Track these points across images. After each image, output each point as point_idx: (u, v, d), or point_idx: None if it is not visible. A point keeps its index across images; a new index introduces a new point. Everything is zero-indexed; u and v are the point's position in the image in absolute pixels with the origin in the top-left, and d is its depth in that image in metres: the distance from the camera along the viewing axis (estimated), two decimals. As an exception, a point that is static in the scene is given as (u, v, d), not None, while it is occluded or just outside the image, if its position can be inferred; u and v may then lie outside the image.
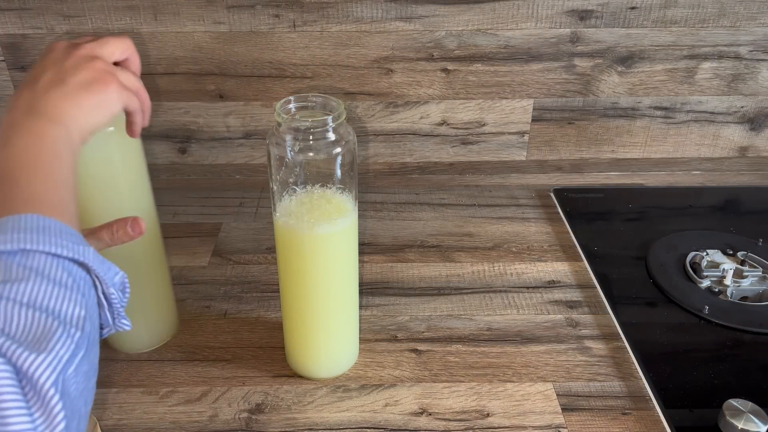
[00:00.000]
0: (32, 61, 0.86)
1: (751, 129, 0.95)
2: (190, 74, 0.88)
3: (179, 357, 0.65)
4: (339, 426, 0.58)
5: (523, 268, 0.78)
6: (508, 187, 0.95)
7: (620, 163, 0.97)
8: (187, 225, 0.86)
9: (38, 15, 0.84)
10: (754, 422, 0.54)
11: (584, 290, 0.74)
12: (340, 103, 0.55)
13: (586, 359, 0.65)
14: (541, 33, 0.87)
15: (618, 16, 0.86)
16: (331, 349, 0.62)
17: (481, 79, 0.90)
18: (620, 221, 0.87)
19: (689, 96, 0.93)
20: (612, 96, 0.92)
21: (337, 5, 0.85)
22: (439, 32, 0.87)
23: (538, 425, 0.58)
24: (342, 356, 0.63)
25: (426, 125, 0.93)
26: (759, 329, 0.67)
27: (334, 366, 0.63)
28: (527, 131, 0.94)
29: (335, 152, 0.54)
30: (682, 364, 0.63)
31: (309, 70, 0.89)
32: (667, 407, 0.58)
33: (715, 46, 0.89)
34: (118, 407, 0.59)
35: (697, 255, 0.76)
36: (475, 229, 0.86)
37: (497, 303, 0.72)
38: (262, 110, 0.91)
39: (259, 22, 0.85)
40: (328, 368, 0.63)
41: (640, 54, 0.89)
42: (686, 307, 0.70)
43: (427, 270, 0.78)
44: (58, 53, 0.50)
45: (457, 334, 0.68)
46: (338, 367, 0.63)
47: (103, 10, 0.84)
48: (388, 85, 0.90)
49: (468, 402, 0.60)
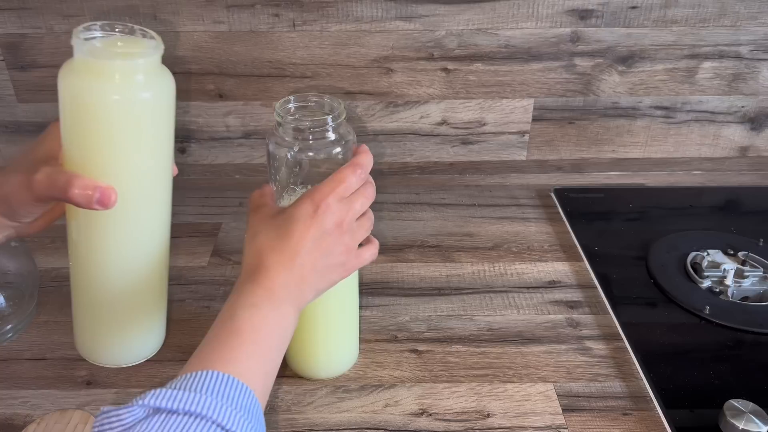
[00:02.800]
0: (32, 60, 0.86)
1: (751, 129, 0.95)
2: (189, 74, 0.88)
3: (179, 357, 0.65)
4: (339, 427, 0.58)
5: (524, 268, 0.78)
6: (508, 187, 0.95)
7: (621, 162, 0.97)
8: (187, 225, 0.86)
9: (38, 14, 0.84)
10: (755, 423, 0.53)
11: (585, 290, 0.74)
12: (340, 102, 0.55)
13: (587, 360, 0.65)
14: (542, 32, 0.87)
15: (618, 15, 0.86)
16: (332, 350, 0.62)
17: (482, 78, 0.90)
18: (621, 221, 0.87)
19: (690, 96, 0.92)
20: (612, 96, 0.92)
21: (337, 5, 0.84)
22: (439, 32, 0.87)
23: (539, 426, 0.57)
24: (342, 356, 0.63)
25: (426, 125, 0.93)
26: (760, 329, 0.67)
27: (335, 366, 0.63)
28: (527, 131, 0.94)
29: (335, 152, 0.54)
30: (682, 364, 0.63)
31: (309, 69, 0.89)
32: (668, 408, 0.57)
33: (715, 45, 0.89)
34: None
35: (698, 255, 0.76)
36: (476, 229, 0.85)
37: (497, 303, 0.72)
38: (261, 110, 0.91)
39: (258, 22, 0.85)
40: (328, 369, 0.62)
41: (640, 53, 0.89)
42: (687, 307, 0.69)
43: (428, 270, 0.78)
44: (322, 227, 0.49)
45: (458, 334, 0.68)
46: (338, 368, 0.63)
47: (103, 9, 0.83)
48: (388, 84, 0.90)
49: (468, 402, 0.60)
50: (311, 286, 0.50)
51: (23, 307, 0.67)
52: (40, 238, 0.82)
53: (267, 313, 0.47)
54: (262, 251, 0.49)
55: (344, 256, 0.51)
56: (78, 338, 0.63)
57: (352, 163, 0.52)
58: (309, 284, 0.50)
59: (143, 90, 0.50)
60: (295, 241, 0.49)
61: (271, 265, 0.48)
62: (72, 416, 0.58)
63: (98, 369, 0.63)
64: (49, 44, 0.85)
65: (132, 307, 0.60)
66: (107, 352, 0.62)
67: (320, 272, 0.50)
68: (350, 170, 0.51)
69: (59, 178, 0.48)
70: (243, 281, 0.49)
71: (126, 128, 0.50)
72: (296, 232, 0.49)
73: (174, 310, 0.71)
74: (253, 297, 0.47)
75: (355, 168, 0.52)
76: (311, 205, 0.50)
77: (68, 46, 0.49)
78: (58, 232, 0.55)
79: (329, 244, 0.50)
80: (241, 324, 0.45)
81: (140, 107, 0.50)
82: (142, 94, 0.50)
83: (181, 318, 0.70)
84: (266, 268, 0.48)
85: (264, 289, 0.47)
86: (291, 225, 0.49)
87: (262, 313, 0.47)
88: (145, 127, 0.51)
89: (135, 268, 0.57)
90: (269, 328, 0.46)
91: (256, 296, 0.47)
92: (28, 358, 0.65)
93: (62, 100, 0.49)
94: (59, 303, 0.72)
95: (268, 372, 0.46)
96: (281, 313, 0.48)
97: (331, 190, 0.50)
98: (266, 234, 0.50)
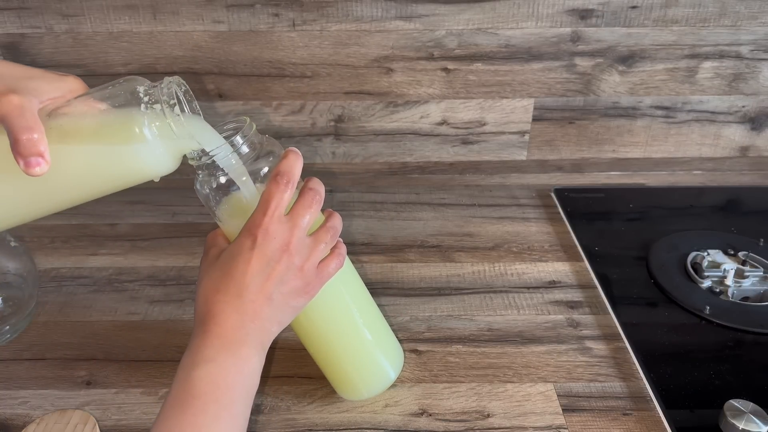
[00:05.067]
0: (31, 60, 0.86)
1: (752, 129, 0.95)
2: (189, 73, 0.88)
3: (178, 357, 0.65)
4: (339, 427, 0.57)
5: (524, 268, 0.78)
6: (508, 186, 0.95)
7: (621, 162, 0.97)
8: (187, 225, 0.86)
9: (37, 14, 0.84)
10: (755, 423, 0.53)
11: (585, 290, 0.74)
12: (244, 119, 0.50)
13: (587, 360, 0.65)
14: (542, 32, 0.87)
15: (619, 15, 0.86)
16: (363, 369, 0.59)
17: (482, 78, 0.90)
18: (621, 221, 0.87)
19: (690, 95, 0.92)
20: (613, 95, 0.92)
21: (337, 4, 0.84)
22: (439, 31, 0.87)
23: (539, 426, 0.57)
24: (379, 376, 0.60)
25: (426, 125, 0.93)
26: (760, 329, 0.67)
27: (379, 384, 0.60)
28: (528, 131, 0.94)
29: (262, 171, 0.50)
30: (683, 364, 0.63)
31: (308, 69, 0.89)
32: (668, 408, 0.57)
33: (716, 45, 0.89)
34: (117, 408, 0.59)
35: (698, 255, 0.76)
36: (476, 229, 0.85)
37: (498, 303, 0.72)
38: (261, 109, 0.91)
39: (258, 22, 0.85)
40: (371, 388, 0.60)
41: (641, 53, 0.89)
42: (687, 307, 0.69)
43: (428, 270, 0.78)
44: (265, 256, 0.45)
45: (458, 334, 0.68)
46: (383, 383, 0.60)
47: (102, 9, 0.83)
48: (388, 84, 0.90)
49: (468, 403, 0.60)
50: (270, 319, 0.47)
51: (22, 307, 0.67)
52: (39, 238, 0.82)
53: (225, 365, 0.44)
54: (207, 296, 0.46)
55: (300, 280, 0.47)
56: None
57: (274, 174, 0.47)
58: (266, 318, 0.46)
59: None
60: (239, 278, 0.45)
61: (219, 309, 0.46)
62: (72, 416, 0.58)
63: (98, 369, 0.63)
64: (49, 44, 0.85)
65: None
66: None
67: (277, 303, 0.47)
68: (274, 185, 0.46)
69: (25, 116, 0.42)
70: (195, 334, 0.46)
71: None
72: (239, 267, 0.46)
73: (174, 310, 0.71)
74: (207, 350, 0.44)
75: (277, 180, 0.46)
76: (249, 236, 0.46)
77: (68, 45, 0.49)
78: (58, 232, 0.55)
79: (279, 271, 0.46)
80: (199, 384, 0.43)
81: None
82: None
83: (181, 318, 0.70)
84: (214, 314, 0.45)
85: (216, 338, 0.45)
86: (233, 261, 0.46)
87: (219, 367, 0.44)
88: None
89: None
90: (230, 381, 0.44)
91: (211, 348, 0.44)
92: (27, 358, 0.65)
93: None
94: (59, 303, 0.72)
95: (238, 427, 0.44)
96: (241, 359, 0.45)
97: (263, 215, 0.46)
98: (210, 277, 0.47)
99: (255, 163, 0.49)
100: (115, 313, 0.71)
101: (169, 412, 0.43)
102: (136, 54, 0.86)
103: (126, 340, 0.67)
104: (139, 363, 0.64)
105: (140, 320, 0.70)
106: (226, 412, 0.43)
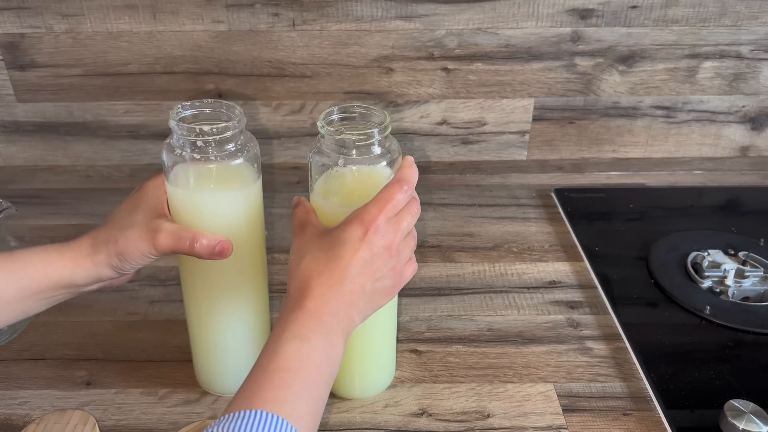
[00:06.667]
0: (31, 60, 0.86)
1: (752, 129, 0.95)
2: (189, 73, 0.88)
3: (178, 357, 0.65)
4: (339, 427, 0.57)
5: (524, 268, 0.78)
6: (508, 186, 0.95)
7: (621, 162, 0.97)
8: (187, 225, 0.86)
9: (37, 14, 0.84)
10: (756, 423, 0.53)
11: (585, 290, 0.74)
12: (385, 114, 0.53)
13: (587, 360, 0.65)
14: (542, 32, 0.87)
15: (619, 15, 0.86)
16: (370, 370, 0.60)
17: (482, 78, 0.90)
18: (621, 221, 0.87)
19: (690, 95, 0.92)
20: (613, 95, 0.92)
21: (337, 4, 0.84)
22: (439, 31, 0.87)
23: (539, 426, 0.57)
24: (381, 376, 0.61)
25: (426, 124, 0.93)
26: (760, 329, 0.67)
27: (373, 386, 0.61)
28: (528, 131, 0.94)
29: (380, 166, 0.53)
30: (683, 364, 0.63)
31: (308, 69, 0.88)
32: (668, 408, 0.57)
33: (716, 45, 0.89)
34: (117, 408, 0.59)
35: (699, 255, 0.76)
36: (476, 229, 0.85)
37: (498, 303, 0.72)
38: (261, 109, 0.91)
39: (258, 21, 0.85)
40: (365, 389, 0.61)
41: (641, 53, 0.89)
42: (687, 307, 0.69)
43: (428, 270, 0.78)
44: (371, 250, 0.47)
45: (458, 334, 0.68)
46: (377, 387, 0.61)
47: (102, 9, 0.83)
48: (388, 84, 0.90)
49: (468, 403, 0.60)
50: (359, 311, 0.47)
51: (22, 307, 0.67)
52: (39, 238, 0.82)
53: (316, 346, 0.44)
54: (310, 275, 0.47)
55: (392, 279, 0.49)
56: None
57: (399, 179, 0.49)
58: (357, 310, 0.47)
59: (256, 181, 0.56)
60: (344, 265, 0.46)
61: (320, 290, 0.46)
62: (71, 416, 0.58)
63: (98, 369, 0.63)
64: (49, 44, 0.85)
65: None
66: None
67: (369, 296, 0.47)
68: (397, 187, 0.48)
69: (185, 234, 0.51)
70: (290, 308, 0.46)
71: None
72: (345, 255, 0.46)
73: (174, 310, 0.71)
74: (301, 328, 0.44)
75: (402, 184, 0.49)
76: (360, 227, 0.47)
77: (68, 45, 0.49)
78: (58, 232, 0.55)
79: (379, 267, 0.47)
80: (288, 359, 0.43)
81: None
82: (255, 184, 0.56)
83: (181, 318, 0.70)
84: (315, 295, 0.46)
85: (312, 318, 0.45)
86: (340, 247, 0.46)
87: (310, 347, 0.44)
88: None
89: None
90: (318, 363, 0.44)
91: (305, 326, 0.44)
92: (27, 358, 0.65)
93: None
94: (58, 303, 0.72)
95: (316, 413, 0.43)
96: (330, 344, 0.45)
97: (379, 211, 0.47)
98: (313, 256, 0.47)
99: (379, 157, 0.53)
100: (114, 313, 0.71)
101: (255, 381, 0.43)
102: (136, 54, 0.86)
103: (126, 340, 0.67)
104: (139, 363, 0.64)
105: (140, 320, 0.70)
106: (309, 393, 0.43)
